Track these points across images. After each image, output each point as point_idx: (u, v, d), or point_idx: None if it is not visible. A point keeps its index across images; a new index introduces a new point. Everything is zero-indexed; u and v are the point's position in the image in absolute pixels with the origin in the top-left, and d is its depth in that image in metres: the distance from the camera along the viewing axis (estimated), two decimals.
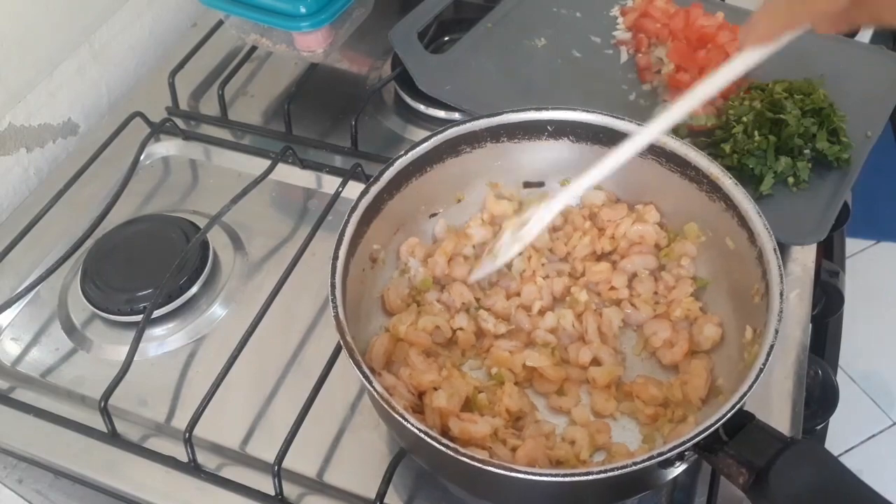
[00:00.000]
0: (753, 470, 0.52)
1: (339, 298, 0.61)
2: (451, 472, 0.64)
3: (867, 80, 0.92)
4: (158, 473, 0.69)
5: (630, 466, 0.52)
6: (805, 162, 0.82)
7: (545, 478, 0.53)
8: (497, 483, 0.57)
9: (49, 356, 0.79)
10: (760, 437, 0.54)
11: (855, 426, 1.77)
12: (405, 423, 0.54)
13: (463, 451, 0.53)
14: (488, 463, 0.53)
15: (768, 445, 0.53)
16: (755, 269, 0.64)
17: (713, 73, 0.60)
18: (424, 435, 0.54)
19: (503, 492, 0.61)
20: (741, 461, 0.53)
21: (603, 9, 1.03)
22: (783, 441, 0.53)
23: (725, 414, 0.53)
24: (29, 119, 0.95)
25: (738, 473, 0.53)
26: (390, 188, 0.70)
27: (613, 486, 0.58)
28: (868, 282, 1.91)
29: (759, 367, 0.55)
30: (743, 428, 0.54)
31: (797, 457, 0.52)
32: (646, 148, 0.65)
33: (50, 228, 0.86)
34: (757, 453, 0.53)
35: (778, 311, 0.58)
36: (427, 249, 0.75)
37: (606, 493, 0.61)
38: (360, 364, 0.57)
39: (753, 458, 0.53)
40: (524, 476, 0.53)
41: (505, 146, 0.75)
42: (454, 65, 0.95)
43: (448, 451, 0.53)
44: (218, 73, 1.02)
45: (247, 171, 0.92)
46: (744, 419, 0.55)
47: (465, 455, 0.53)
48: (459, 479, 0.64)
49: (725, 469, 0.54)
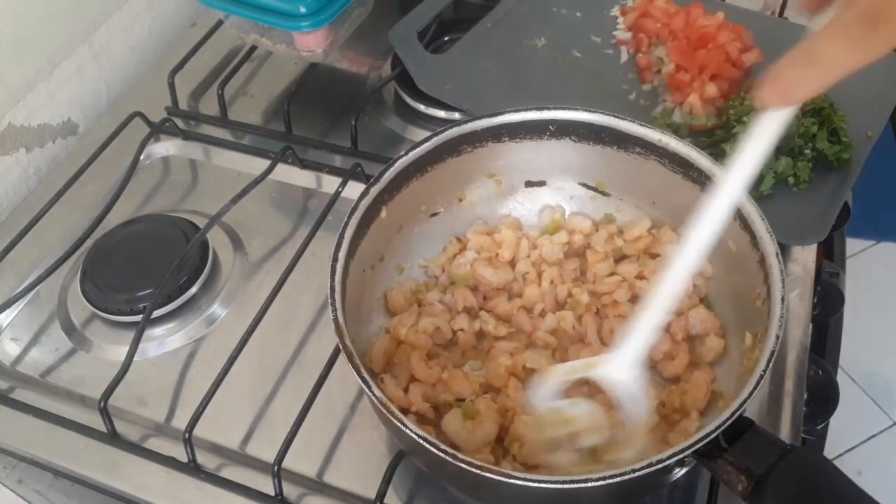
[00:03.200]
0: (752, 477, 0.52)
1: (339, 301, 0.61)
2: (450, 477, 0.63)
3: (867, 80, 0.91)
4: (158, 473, 0.69)
5: (629, 474, 0.52)
6: (805, 162, 0.82)
7: (543, 484, 0.53)
8: (495, 488, 0.57)
9: (49, 356, 0.79)
10: (760, 443, 0.54)
11: (855, 426, 1.77)
12: (404, 428, 0.54)
13: (462, 457, 0.53)
14: (486, 469, 0.53)
15: (767, 452, 0.53)
16: (757, 272, 0.63)
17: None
18: (423, 440, 0.54)
19: (502, 496, 0.61)
20: (740, 468, 0.53)
21: (603, 9, 1.03)
22: (782, 448, 0.53)
23: (725, 421, 0.53)
24: (28, 119, 0.95)
25: (738, 481, 0.53)
26: (391, 189, 0.70)
27: (613, 493, 0.57)
28: (868, 282, 1.91)
29: (759, 374, 0.55)
30: (742, 434, 0.54)
31: (796, 464, 0.52)
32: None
33: (49, 228, 0.86)
34: (756, 460, 0.53)
35: (779, 317, 0.58)
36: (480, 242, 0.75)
37: (606, 501, 0.61)
38: (359, 369, 0.57)
39: (753, 466, 0.52)
40: (522, 483, 0.52)
41: (506, 146, 0.75)
42: (454, 65, 0.95)
43: (447, 458, 0.53)
44: (218, 73, 1.02)
45: (247, 171, 0.92)
46: (743, 426, 0.55)
47: (464, 461, 0.53)
48: (458, 483, 0.64)
49: (725, 476, 0.54)
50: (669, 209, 0.74)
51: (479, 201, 0.78)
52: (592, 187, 0.77)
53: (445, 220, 0.77)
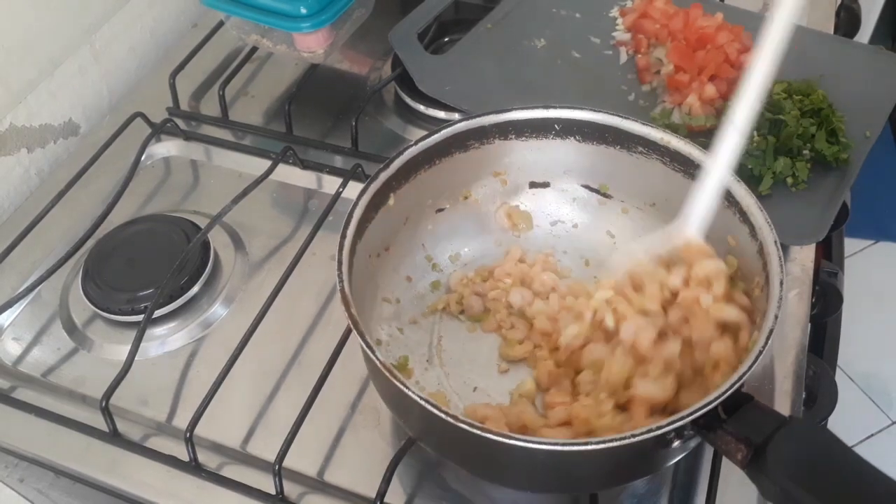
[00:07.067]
0: (751, 446, 0.53)
1: (346, 274, 0.61)
2: (452, 448, 0.64)
3: (866, 80, 0.93)
4: (159, 473, 0.70)
5: (629, 438, 0.53)
6: (804, 162, 0.83)
7: (543, 446, 0.54)
8: (494, 455, 0.58)
9: (50, 356, 0.79)
10: (758, 415, 0.55)
11: (854, 426, 1.77)
12: (406, 390, 0.55)
13: (463, 419, 0.53)
14: (485, 430, 0.53)
15: (766, 423, 0.53)
16: (756, 262, 0.64)
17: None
18: (425, 402, 0.54)
19: (501, 465, 0.61)
20: (739, 438, 0.53)
21: (602, 10, 1.03)
22: (780, 419, 0.54)
23: (724, 392, 0.54)
24: (30, 119, 0.95)
25: (737, 450, 0.53)
26: (399, 176, 0.70)
27: (612, 460, 0.58)
28: (867, 282, 1.92)
29: (758, 350, 0.56)
30: (741, 407, 0.55)
31: (794, 433, 0.53)
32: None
33: (51, 228, 0.86)
34: (755, 430, 0.53)
35: (778, 298, 0.59)
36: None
37: (605, 470, 0.61)
38: (363, 335, 0.57)
39: (751, 435, 0.53)
40: (521, 444, 0.53)
41: (512, 143, 0.75)
42: (454, 65, 0.96)
43: (447, 418, 0.53)
44: (219, 74, 1.03)
45: (247, 171, 0.92)
46: (742, 399, 0.56)
47: (465, 422, 0.53)
48: (458, 455, 0.65)
49: (724, 446, 0.54)
50: (670, 210, 0.74)
51: (483, 200, 0.78)
52: (595, 189, 0.78)
53: (451, 216, 0.78)
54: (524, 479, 0.64)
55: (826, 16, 1.07)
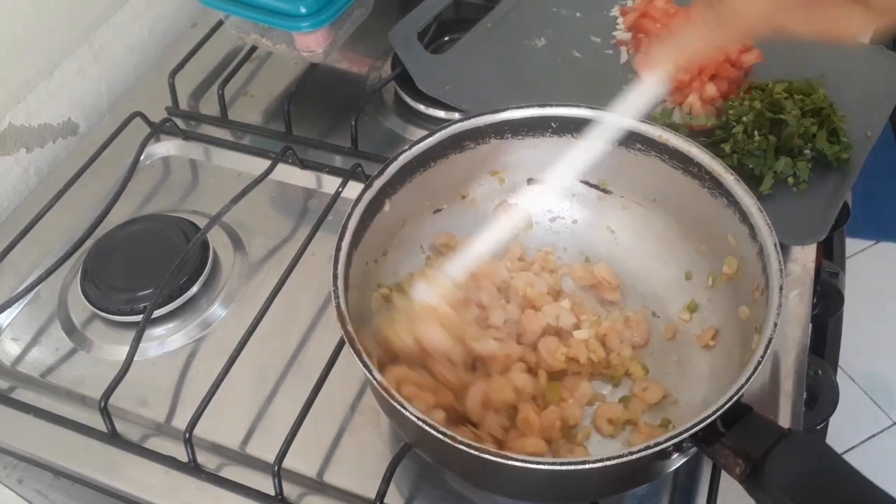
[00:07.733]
0: (750, 460, 0.52)
1: (342, 289, 0.61)
2: (451, 462, 0.64)
3: (867, 80, 0.92)
4: (158, 473, 0.70)
5: (627, 456, 0.52)
6: (805, 162, 0.82)
7: (542, 466, 0.53)
8: (493, 471, 0.57)
9: (49, 356, 0.79)
10: (757, 427, 0.54)
11: (855, 426, 1.77)
12: (404, 411, 0.54)
13: (461, 440, 0.53)
14: (483, 450, 0.53)
15: (765, 436, 0.53)
16: (756, 264, 0.64)
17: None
18: (423, 423, 0.54)
19: (500, 480, 0.61)
20: (738, 452, 0.53)
21: (603, 9, 1.03)
22: (779, 432, 0.54)
23: (723, 405, 0.53)
24: (29, 119, 0.95)
25: (735, 464, 0.53)
26: (394, 182, 0.70)
27: (612, 475, 0.58)
28: (868, 282, 1.91)
29: (757, 360, 0.55)
30: (740, 419, 0.55)
31: (793, 447, 0.52)
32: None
33: (50, 228, 0.86)
34: (753, 444, 0.53)
35: (777, 305, 0.58)
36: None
37: (605, 483, 0.61)
38: (360, 353, 0.57)
39: (750, 449, 0.53)
40: (520, 464, 0.53)
41: (509, 142, 0.75)
42: (454, 65, 0.95)
43: (446, 440, 0.53)
44: (218, 74, 1.02)
45: (247, 171, 0.92)
46: (741, 411, 0.55)
47: (464, 443, 0.53)
48: (458, 467, 0.65)
49: (722, 460, 0.54)
50: (670, 205, 0.74)
51: (481, 199, 0.78)
52: (594, 185, 0.78)
53: (449, 216, 0.78)
54: (523, 491, 0.63)
55: None
